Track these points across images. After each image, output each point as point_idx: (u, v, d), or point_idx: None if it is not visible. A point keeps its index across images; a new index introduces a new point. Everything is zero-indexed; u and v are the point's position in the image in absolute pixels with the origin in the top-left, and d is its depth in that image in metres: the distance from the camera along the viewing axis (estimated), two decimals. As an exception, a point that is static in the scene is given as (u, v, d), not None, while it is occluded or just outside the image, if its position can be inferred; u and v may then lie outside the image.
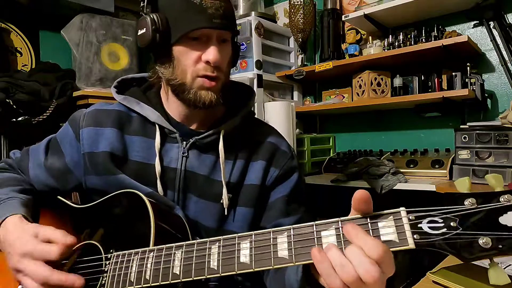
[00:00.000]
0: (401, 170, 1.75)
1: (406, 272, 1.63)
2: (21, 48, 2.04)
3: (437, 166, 1.72)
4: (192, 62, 0.75)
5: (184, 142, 0.81)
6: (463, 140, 1.54)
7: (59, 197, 0.85)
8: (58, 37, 2.07)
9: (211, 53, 0.73)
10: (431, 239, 0.45)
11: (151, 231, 0.64)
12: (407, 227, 0.46)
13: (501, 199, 0.44)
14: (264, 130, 0.90)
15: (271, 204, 0.84)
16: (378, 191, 1.60)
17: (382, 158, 1.91)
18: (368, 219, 0.49)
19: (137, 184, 0.78)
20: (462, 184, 0.47)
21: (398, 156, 1.94)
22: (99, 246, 0.70)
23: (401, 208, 0.48)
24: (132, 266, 0.62)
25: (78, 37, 1.96)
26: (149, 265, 0.61)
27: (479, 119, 1.82)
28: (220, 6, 0.72)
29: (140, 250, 0.63)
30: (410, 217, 0.47)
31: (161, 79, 0.82)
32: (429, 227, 0.46)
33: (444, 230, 0.45)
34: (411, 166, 1.80)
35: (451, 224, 0.45)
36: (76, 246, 0.73)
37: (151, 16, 0.74)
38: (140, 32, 0.76)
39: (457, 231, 0.44)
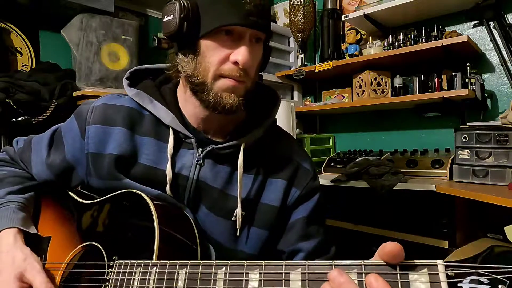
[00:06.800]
0: (401, 170, 1.74)
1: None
2: (21, 48, 2.03)
3: (437, 166, 1.72)
4: (218, 60, 0.67)
5: (200, 149, 0.75)
6: (463, 140, 1.53)
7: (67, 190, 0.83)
8: (58, 37, 2.07)
9: (240, 54, 0.66)
10: None
11: (155, 242, 0.62)
12: (444, 285, 0.39)
13: None
14: (286, 144, 0.84)
15: (291, 225, 0.79)
16: (378, 191, 1.60)
17: (382, 158, 1.91)
18: (398, 268, 0.43)
19: (144, 187, 0.73)
20: None
21: (398, 156, 1.94)
22: (102, 250, 0.69)
23: (439, 261, 0.41)
24: (134, 279, 0.61)
25: (78, 37, 1.96)
26: (151, 282, 0.59)
27: (479, 119, 1.83)
28: (259, 3, 0.65)
29: (143, 262, 0.61)
30: (449, 273, 0.40)
31: (180, 74, 0.74)
32: None
33: None
34: (411, 166, 1.80)
35: (499, 287, 0.38)
36: (79, 246, 0.73)
37: (181, 2, 0.66)
38: (166, 19, 0.68)
39: None
